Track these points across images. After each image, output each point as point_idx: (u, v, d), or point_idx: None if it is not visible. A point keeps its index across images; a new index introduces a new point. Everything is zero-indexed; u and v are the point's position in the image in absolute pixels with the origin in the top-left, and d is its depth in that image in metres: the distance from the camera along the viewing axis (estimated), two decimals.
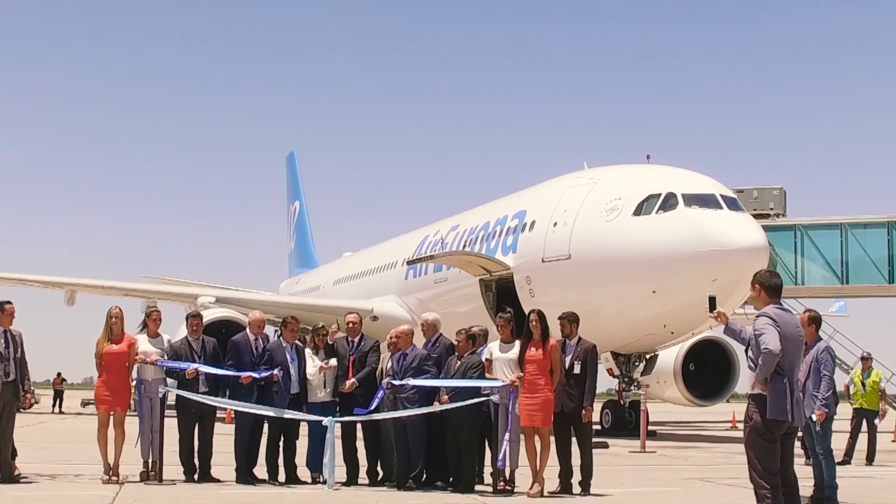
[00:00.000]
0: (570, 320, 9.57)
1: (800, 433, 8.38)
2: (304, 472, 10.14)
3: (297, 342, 10.39)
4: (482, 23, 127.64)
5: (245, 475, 9.89)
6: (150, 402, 9.91)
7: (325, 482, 9.59)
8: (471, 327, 9.95)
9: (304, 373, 10.20)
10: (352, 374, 10.10)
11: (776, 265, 23.62)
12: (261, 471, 10.05)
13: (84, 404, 33.87)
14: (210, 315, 22.03)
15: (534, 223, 20.57)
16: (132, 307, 28.32)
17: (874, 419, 14.72)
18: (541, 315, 9.30)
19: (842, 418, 12.27)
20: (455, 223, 25.72)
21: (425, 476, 9.63)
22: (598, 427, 18.92)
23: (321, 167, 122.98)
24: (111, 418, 9.79)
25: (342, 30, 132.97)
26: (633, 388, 19.24)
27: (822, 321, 9.46)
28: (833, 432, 9.62)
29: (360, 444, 10.28)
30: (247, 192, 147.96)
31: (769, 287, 6.45)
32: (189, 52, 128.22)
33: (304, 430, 10.25)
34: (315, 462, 10.10)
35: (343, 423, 10.08)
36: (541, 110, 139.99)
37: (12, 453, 9.71)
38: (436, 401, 9.55)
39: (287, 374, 10.07)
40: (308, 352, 10.33)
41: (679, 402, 26.04)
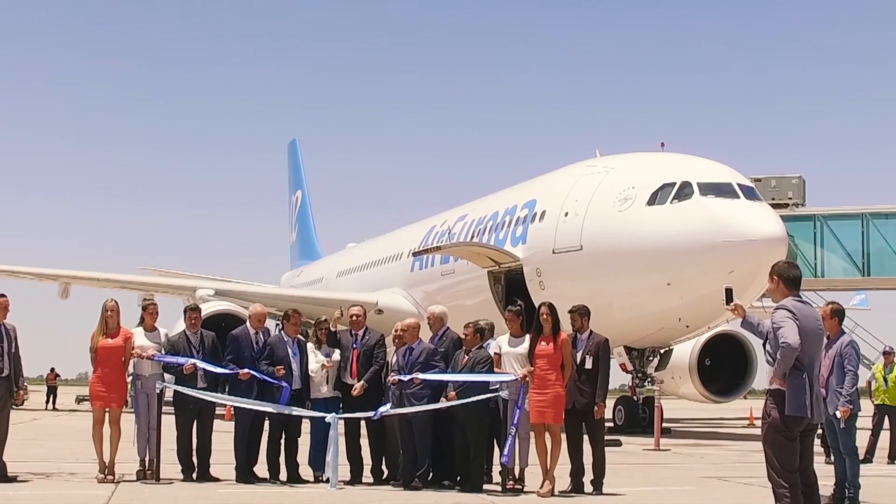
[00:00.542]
0: (581, 314, 9.46)
1: (820, 430, 8.23)
2: (306, 471, 10.02)
3: (299, 336, 10.23)
4: (490, 7, 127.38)
5: (245, 474, 9.75)
6: (147, 399, 9.85)
7: (328, 481, 9.46)
8: (478, 321, 9.87)
9: (306, 368, 10.04)
10: (356, 368, 10.00)
11: (795, 256, 23.41)
12: (261, 469, 9.91)
13: (79, 401, 33.52)
14: (209, 308, 22.18)
15: (544, 213, 20.35)
16: (128, 300, 28.29)
17: None
18: (552, 308, 9.21)
19: (863, 415, 12.03)
20: (463, 213, 25.50)
21: (432, 475, 9.53)
22: (611, 424, 18.79)
23: (324, 155, 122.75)
24: (106, 415, 9.73)
25: (346, 13, 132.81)
26: (646, 383, 19.06)
27: (845, 314, 9.30)
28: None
29: (364, 442, 10.17)
30: (247, 181, 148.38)
31: (788, 279, 6.39)
32: (187, 36, 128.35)
33: (306, 427, 10.11)
34: (317, 460, 9.97)
35: (346, 419, 9.95)
36: (551, 96, 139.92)
37: None
38: (442, 397, 9.46)
39: (289, 369, 9.89)
40: (310, 346, 10.21)
41: (694, 399, 25.87)
